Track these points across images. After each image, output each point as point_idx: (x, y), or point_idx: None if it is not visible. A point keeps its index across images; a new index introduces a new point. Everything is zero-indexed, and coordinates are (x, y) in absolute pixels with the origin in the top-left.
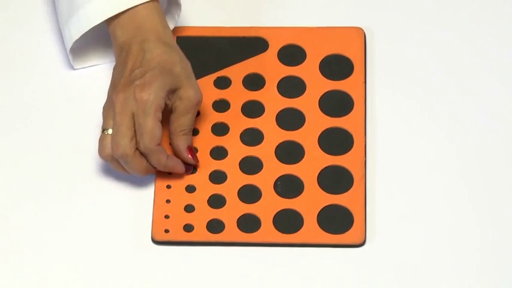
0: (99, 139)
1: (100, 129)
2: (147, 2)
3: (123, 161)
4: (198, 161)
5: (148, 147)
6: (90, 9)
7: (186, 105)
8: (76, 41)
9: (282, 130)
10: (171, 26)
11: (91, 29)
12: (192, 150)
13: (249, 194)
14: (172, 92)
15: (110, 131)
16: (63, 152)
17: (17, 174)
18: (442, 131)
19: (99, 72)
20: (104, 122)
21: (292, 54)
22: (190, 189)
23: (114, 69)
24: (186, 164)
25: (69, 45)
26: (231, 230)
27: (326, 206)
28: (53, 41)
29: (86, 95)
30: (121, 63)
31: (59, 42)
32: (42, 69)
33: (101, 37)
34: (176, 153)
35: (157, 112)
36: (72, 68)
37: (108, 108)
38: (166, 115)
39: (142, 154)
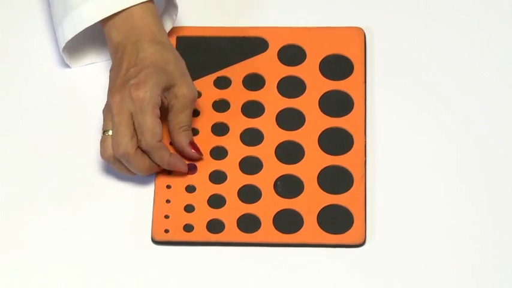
0: (100, 141)
1: (100, 129)
2: (141, 2)
3: (125, 160)
4: (202, 154)
5: (150, 145)
6: (84, 10)
7: (182, 103)
8: (72, 40)
9: (282, 130)
10: (169, 26)
11: (86, 28)
12: (195, 144)
13: (249, 194)
14: (167, 89)
15: (111, 132)
16: (63, 151)
17: (16, 175)
18: (442, 131)
19: (96, 70)
20: (104, 123)
21: (292, 54)
22: (190, 189)
23: (110, 71)
24: (188, 162)
25: (62, 44)
26: (231, 230)
27: (326, 206)
28: (50, 39)
29: (84, 93)
30: (116, 64)
31: (56, 41)
32: (39, 68)
33: (97, 35)
34: (179, 151)
35: (155, 109)
36: (69, 66)
37: (107, 110)
38: (163, 114)
39: (144, 152)
